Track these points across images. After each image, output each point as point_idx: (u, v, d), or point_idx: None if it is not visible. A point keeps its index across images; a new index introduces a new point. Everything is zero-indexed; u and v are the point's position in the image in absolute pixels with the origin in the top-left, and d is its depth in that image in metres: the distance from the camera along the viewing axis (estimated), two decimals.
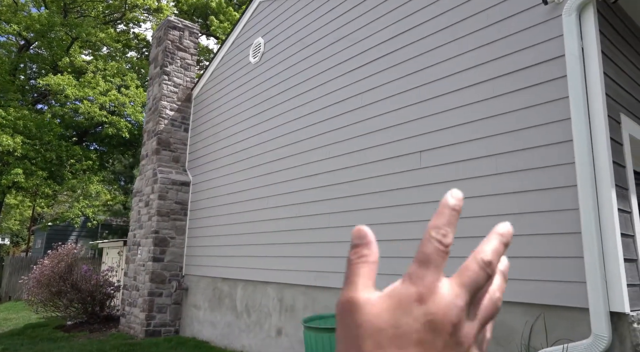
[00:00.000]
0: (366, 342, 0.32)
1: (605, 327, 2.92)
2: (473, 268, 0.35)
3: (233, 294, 6.58)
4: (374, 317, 0.33)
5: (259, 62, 6.93)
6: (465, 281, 0.34)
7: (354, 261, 0.36)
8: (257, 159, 6.54)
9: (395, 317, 0.33)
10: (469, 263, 0.35)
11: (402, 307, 0.33)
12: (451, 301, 0.33)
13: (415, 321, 0.32)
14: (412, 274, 0.34)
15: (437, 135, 4.16)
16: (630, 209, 3.35)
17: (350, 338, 0.33)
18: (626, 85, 3.69)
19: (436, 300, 0.33)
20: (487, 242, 0.37)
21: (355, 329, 0.33)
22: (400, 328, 0.32)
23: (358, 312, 0.34)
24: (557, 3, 3.49)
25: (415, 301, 0.33)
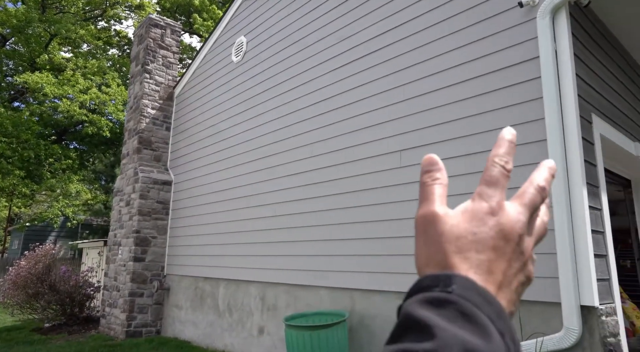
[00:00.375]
0: (449, 247, 0.37)
1: (576, 320, 3.02)
2: (531, 191, 0.40)
3: (215, 294, 6.56)
4: (454, 226, 0.38)
5: (242, 61, 6.91)
6: (526, 202, 0.40)
7: (429, 182, 0.41)
8: (240, 157, 6.53)
9: (472, 226, 0.38)
10: (527, 187, 0.41)
11: (478, 219, 0.38)
12: (516, 216, 0.38)
13: (490, 229, 0.38)
14: (482, 193, 0.39)
15: (416, 134, 4.22)
16: (600, 206, 3.46)
17: (433, 244, 0.38)
18: (597, 86, 3.80)
19: (505, 214, 0.38)
20: (539, 171, 0.42)
21: (437, 237, 0.38)
22: (478, 235, 0.37)
23: (439, 222, 0.39)
24: (532, 6, 3.58)
25: (488, 214, 0.38)
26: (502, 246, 0.37)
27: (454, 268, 0.36)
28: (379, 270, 4.31)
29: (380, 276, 4.30)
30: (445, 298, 0.33)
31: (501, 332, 0.32)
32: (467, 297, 0.33)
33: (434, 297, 0.34)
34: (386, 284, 4.23)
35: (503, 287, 0.37)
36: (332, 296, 4.77)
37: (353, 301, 4.54)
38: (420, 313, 0.32)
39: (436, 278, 0.35)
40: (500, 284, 0.37)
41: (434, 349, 0.30)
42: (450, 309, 0.32)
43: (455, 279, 0.35)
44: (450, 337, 0.30)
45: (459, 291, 0.34)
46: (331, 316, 4.40)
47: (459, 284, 0.34)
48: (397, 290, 4.13)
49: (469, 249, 0.37)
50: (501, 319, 0.33)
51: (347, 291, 4.61)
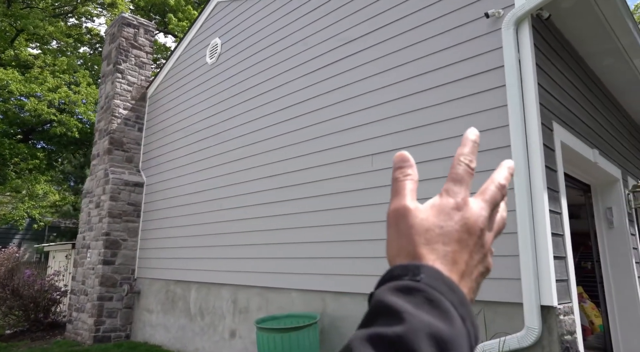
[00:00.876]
0: (418, 239, 0.40)
1: (536, 320, 3.14)
2: (492, 189, 0.45)
3: (187, 297, 6.49)
4: (423, 220, 0.41)
5: (216, 63, 6.88)
6: (487, 198, 0.44)
7: (400, 178, 0.45)
8: (214, 160, 6.49)
9: (440, 220, 0.41)
10: (488, 185, 0.45)
11: (445, 213, 0.41)
12: (479, 211, 0.42)
13: (455, 223, 0.41)
14: (449, 190, 0.43)
15: (388, 139, 4.30)
16: (560, 210, 3.62)
17: (404, 236, 0.41)
18: (558, 95, 3.97)
19: (469, 209, 0.42)
20: (499, 171, 0.47)
21: (408, 229, 0.41)
22: (444, 228, 0.41)
23: (410, 216, 0.42)
24: (498, 17, 3.72)
25: (454, 209, 0.42)
26: (465, 238, 0.40)
27: (422, 258, 0.39)
28: (350, 272, 4.37)
29: (350, 278, 4.36)
30: (413, 286, 0.36)
31: (463, 318, 0.36)
32: (434, 285, 0.36)
33: (404, 285, 0.36)
34: (357, 286, 4.29)
35: (465, 276, 0.40)
36: (303, 298, 4.80)
37: (324, 303, 4.58)
38: (390, 300, 0.35)
39: (405, 268, 0.38)
40: (463, 273, 0.40)
41: (403, 332, 0.33)
42: (418, 296, 0.35)
43: (423, 268, 0.38)
44: (418, 322, 0.33)
45: (427, 279, 0.37)
46: (302, 318, 4.43)
47: (426, 274, 0.37)
48: (367, 292, 4.19)
49: (437, 241, 0.40)
50: (463, 305, 0.37)
51: (318, 293, 4.65)
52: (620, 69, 5.04)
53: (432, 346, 0.33)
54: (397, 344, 0.32)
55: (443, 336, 0.33)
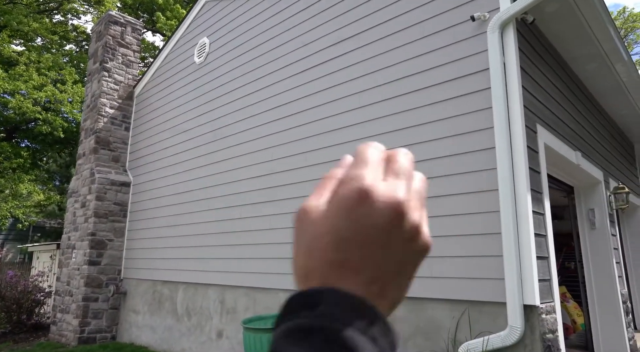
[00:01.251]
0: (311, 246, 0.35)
1: (519, 319, 3.19)
2: (399, 160, 0.37)
3: (174, 297, 6.45)
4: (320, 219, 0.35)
5: (204, 63, 6.86)
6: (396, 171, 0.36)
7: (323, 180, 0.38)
8: (201, 160, 6.47)
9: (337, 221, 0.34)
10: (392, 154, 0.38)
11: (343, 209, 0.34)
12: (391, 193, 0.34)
13: (356, 221, 0.34)
14: (350, 175, 0.36)
15: (374, 140, 4.32)
16: (543, 211, 3.68)
17: (297, 244, 0.36)
18: (542, 98, 4.04)
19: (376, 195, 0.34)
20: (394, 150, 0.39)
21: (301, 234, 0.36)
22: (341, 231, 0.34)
23: (305, 217, 0.36)
24: (484, 20, 3.77)
25: (356, 200, 0.34)
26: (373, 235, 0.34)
27: (313, 272, 0.34)
28: None
29: None
30: (310, 327, 0.31)
31: (374, 339, 0.31)
32: (335, 316, 0.31)
33: (299, 327, 0.31)
34: None
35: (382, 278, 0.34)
36: None
37: None
38: None
39: (303, 298, 0.33)
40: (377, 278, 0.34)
41: None
42: (316, 340, 0.30)
43: (323, 296, 0.32)
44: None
45: (327, 310, 0.31)
46: None
47: (326, 302, 0.32)
48: None
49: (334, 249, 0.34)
50: (375, 325, 0.32)
51: None
52: (603, 74, 5.14)
53: None
54: None
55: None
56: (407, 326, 3.80)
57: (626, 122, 6.74)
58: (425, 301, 3.74)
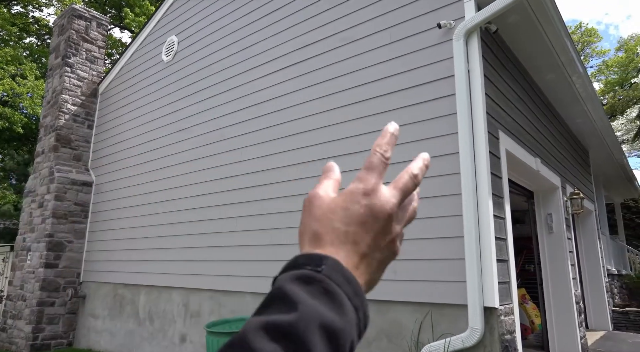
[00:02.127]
0: (322, 219, 0.43)
1: (479, 320, 3.27)
2: (405, 177, 0.46)
3: (136, 301, 6.27)
4: (329, 203, 0.44)
5: (172, 61, 6.72)
6: (399, 186, 0.46)
7: (322, 176, 0.48)
8: (167, 160, 6.32)
9: (346, 203, 0.43)
10: (402, 174, 0.47)
11: (352, 197, 0.43)
12: (388, 197, 0.44)
13: (360, 207, 0.43)
14: (360, 177, 0.45)
15: (340, 143, 4.35)
16: (504, 215, 3.79)
17: (311, 217, 0.44)
18: (504, 105, 4.17)
19: (377, 195, 0.43)
20: (415, 162, 0.49)
21: (314, 211, 0.44)
22: (349, 210, 0.43)
23: (318, 200, 0.45)
24: (449, 28, 3.86)
25: (362, 194, 0.43)
26: (370, 222, 0.42)
27: (322, 237, 0.42)
28: None
29: None
30: (313, 276, 0.38)
31: (356, 308, 0.38)
32: (332, 276, 0.38)
33: (304, 274, 0.38)
34: None
35: (367, 257, 0.42)
36: (257, 301, 4.75)
37: None
38: (288, 288, 0.37)
39: (309, 257, 0.40)
40: (364, 254, 0.42)
41: (294, 320, 0.34)
42: (316, 286, 0.37)
43: (325, 260, 0.39)
44: (311, 312, 0.35)
45: (327, 270, 0.38)
46: None
47: (327, 265, 0.39)
48: None
49: (338, 222, 0.42)
50: (357, 296, 0.39)
51: None
52: (560, 84, 5.36)
53: (321, 335, 0.35)
54: (288, 332, 0.34)
55: (334, 326, 0.35)
56: (371, 328, 3.83)
57: (581, 131, 7.05)
58: (390, 304, 3.78)
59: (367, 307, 0.40)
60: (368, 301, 0.41)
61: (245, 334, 0.34)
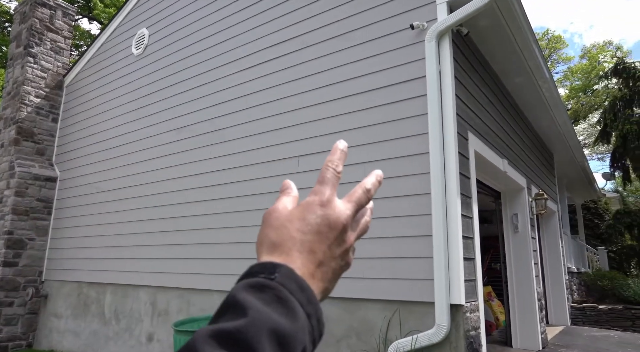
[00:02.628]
0: (280, 228, 0.45)
1: (445, 317, 3.34)
2: (359, 191, 0.49)
3: (101, 300, 6.09)
4: (287, 214, 0.46)
5: (142, 55, 6.56)
6: (353, 199, 0.48)
7: (280, 194, 0.51)
8: (135, 156, 6.17)
9: (303, 214, 0.46)
10: (356, 189, 0.49)
11: (308, 208, 0.46)
12: (343, 209, 0.47)
13: (317, 217, 0.45)
14: (315, 190, 0.47)
15: (313, 141, 4.35)
16: (471, 214, 3.88)
17: (269, 227, 0.46)
18: (473, 107, 4.26)
19: (332, 206, 0.46)
20: (368, 177, 0.51)
21: (273, 221, 0.46)
22: (306, 220, 0.45)
23: (276, 212, 0.47)
24: (422, 29, 3.91)
25: (318, 205, 0.46)
26: (325, 231, 0.45)
27: (280, 245, 0.44)
28: None
29: None
30: (266, 284, 0.39)
31: (309, 315, 0.39)
32: (285, 284, 0.39)
33: (257, 282, 0.39)
34: None
35: (322, 266, 0.44)
36: None
37: None
38: (240, 296, 0.37)
39: (264, 266, 0.41)
40: (320, 263, 0.44)
41: (243, 326, 0.35)
42: (269, 294, 0.38)
43: (279, 268, 0.41)
44: (261, 318, 0.35)
45: (280, 278, 0.40)
46: None
47: (281, 273, 0.40)
48: None
49: (296, 230, 0.44)
50: (311, 303, 0.40)
51: None
52: (528, 88, 5.53)
53: (271, 340, 0.35)
54: (237, 338, 0.34)
55: (284, 332, 0.36)
56: (341, 326, 3.85)
57: (547, 134, 7.29)
58: (359, 302, 3.80)
59: (321, 314, 0.41)
60: (337, 299, 0.42)
61: (194, 343, 0.34)
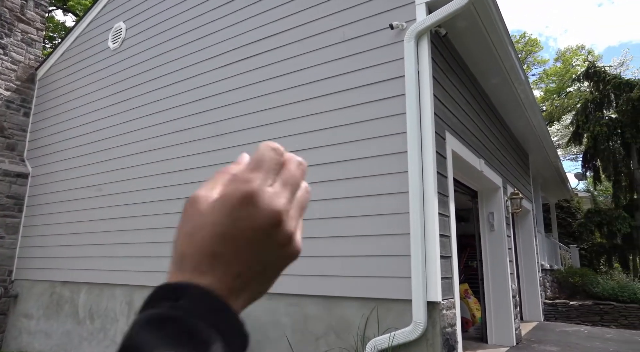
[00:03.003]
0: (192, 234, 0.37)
1: (422, 315, 3.38)
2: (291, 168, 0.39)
3: (75, 299, 5.95)
4: (204, 211, 0.37)
5: (119, 49, 6.41)
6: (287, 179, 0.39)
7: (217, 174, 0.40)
8: (111, 152, 6.04)
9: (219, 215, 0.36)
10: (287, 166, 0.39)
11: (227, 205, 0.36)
12: (274, 199, 0.37)
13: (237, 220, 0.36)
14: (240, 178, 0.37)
15: (293, 139, 4.34)
16: (448, 213, 3.94)
17: (181, 230, 0.38)
18: (451, 107, 4.32)
19: (262, 198, 0.36)
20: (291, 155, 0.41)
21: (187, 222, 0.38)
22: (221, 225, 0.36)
23: (193, 206, 0.38)
24: (401, 29, 3.94)
25: (240, 201, 0.36)
26: (250, 233, 0.36)
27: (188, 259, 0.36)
28: None
29: None
30: (168, 317, 0.33)
31: (224, 335, 0.34)
32: (193, 310, 0.34)
33: (159, 316, 0.33)
34: None
35: (244, 275, 0.37)
36: None
37: None
38: (138, 340, 0.32)
39: (168, 289, 0.35)
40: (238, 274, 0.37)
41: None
42: (172, 328, 0.32)
43: (186, 291, 0.34)
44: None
45: (187, 304, 0.34)
46: None
47: (189, 297, 0.34)
48: None
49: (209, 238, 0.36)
50: (229, 323, 0.35)
51: None
52: (504, 89, 5.64)
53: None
54: None
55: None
56: (320, 324, 3.86)
57: (522, 134, 7.46)
58: (338, 300, 3.82)
59: (243, 328, 0.36)
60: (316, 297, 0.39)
61: None
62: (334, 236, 3.92)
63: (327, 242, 3.94)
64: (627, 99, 10.96)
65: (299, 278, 3.96)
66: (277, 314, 4.07)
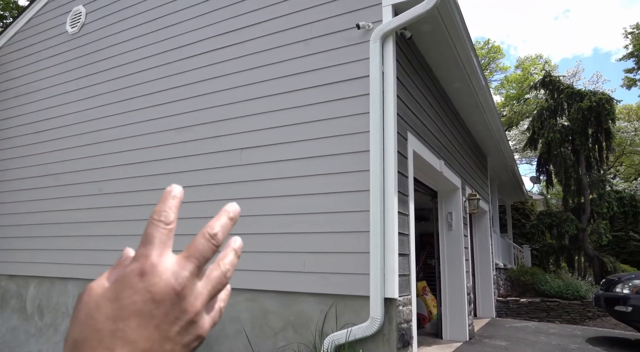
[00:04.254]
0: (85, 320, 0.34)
1: (379, 311, 3.45)
2: (200, 241, 0.37)
3: (23, 294, 5.68)
4: (98, 297, 0.35)
5: (78, 34, 6.16)
6: (192, 253, 0.37)
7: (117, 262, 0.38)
8: (69, 141, 5.80)
9: (116, 293, 0.34)
10: (197, 238, 0.37)
11: (124, 283, 0.35)
12: (175, 272, 0.35)
13: (135, 293, 0.34)
14: (137, 255, 0.36)
15: (256, 134, 4.32)
16: (408, 212, 4.03)
17: (74, 321, 0.35)
18: (414, 108, 4.42)
19: (158, 272, 0.35)
20: (216, 219, 0.39)
21: (80, 312, 0.35)
22: (119, 302, 0.34)
23: (86, 295, 0.36)
24: (367, 30, 3.99)
25: (137, 276, 0.35)
26: (149, 309, 0.34)
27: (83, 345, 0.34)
28: None
29: None
30: None
31: None
32: None
33: None
34: None
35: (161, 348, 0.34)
36: None
37: None
38: None
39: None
40: (156, 345, 0.34)
41: None
42: None
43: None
44: None
45: None
46: None
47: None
48: None
49: (106, 319, 0.34)
50: None
51: None
52: (465, 93, 5.82)
53: None
54: None
55: None
56: (278, 319, 3.87)
57: (482, 137, 7.72)
58: (297, 295, 3.84)
59: None
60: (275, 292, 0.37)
61: None
62: (294, 232, 3.94)
63: (286, 238, 3.95)
64: (577, 108, 11.55)
65: (259, 273, 3.96)
66: (236, 309, 4.05)
